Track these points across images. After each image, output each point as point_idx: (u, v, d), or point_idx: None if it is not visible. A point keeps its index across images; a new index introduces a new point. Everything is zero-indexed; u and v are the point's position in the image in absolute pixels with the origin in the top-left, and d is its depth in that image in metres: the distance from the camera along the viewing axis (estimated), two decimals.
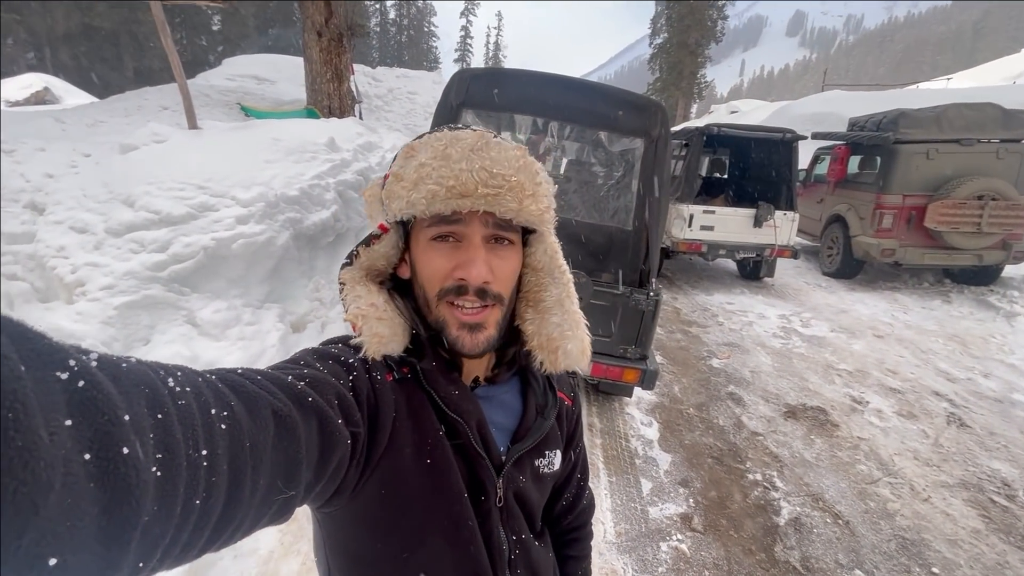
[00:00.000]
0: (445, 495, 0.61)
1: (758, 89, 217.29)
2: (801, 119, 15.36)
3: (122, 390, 0.28)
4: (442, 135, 0.59)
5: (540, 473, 0.72)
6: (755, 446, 3.15)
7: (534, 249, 0.69)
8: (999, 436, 3.32)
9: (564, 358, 0.68)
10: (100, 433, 0.25)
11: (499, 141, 0.60)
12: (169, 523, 0.30)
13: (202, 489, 0.32)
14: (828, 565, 2.27)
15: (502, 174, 0.57)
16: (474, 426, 0.63)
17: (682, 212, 6.22)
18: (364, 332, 0.58)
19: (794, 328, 5.26)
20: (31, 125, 5.10)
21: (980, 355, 4.65)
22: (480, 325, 0.61)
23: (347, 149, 4.49)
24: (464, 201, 0.56)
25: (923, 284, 6.90)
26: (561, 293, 0.69)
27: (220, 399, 0.37)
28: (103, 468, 0.25)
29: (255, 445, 0.38)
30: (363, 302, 0.60)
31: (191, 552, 0.34)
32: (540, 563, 0.72)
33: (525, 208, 0.59)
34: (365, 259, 0.64)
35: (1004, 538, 2.46)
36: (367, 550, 0.61)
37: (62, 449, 0.22)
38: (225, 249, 2.96)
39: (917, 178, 6.27)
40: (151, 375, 0.32)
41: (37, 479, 0.21)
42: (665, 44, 30.81)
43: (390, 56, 46.12)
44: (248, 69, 11.35)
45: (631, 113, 2.66)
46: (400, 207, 0.58)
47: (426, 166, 0.56)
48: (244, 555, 2.04)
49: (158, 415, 0.30)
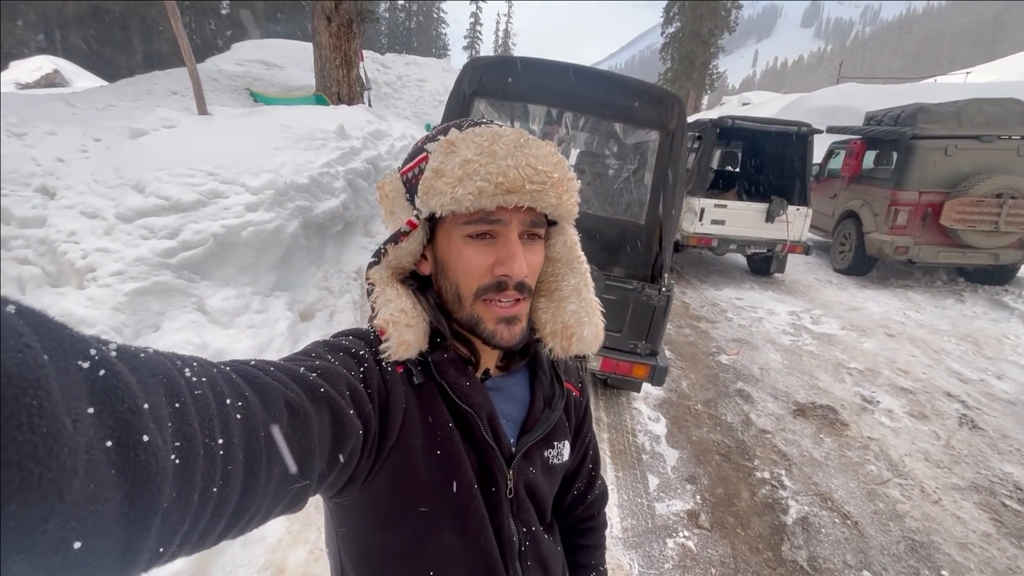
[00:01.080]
0: (455, 487, 0.61)
1: (771, 80, 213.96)
2: (815, 112, 15.10)
3: (141, 379, 0.28)
4: (481, 131, 0.59)
5: (550, 464, 0.72)
6: (763, 444, 3.13)
7: (553, 241, 0.71)
8: (1012, 439, 3.28)
9: (578, 343, 0.69)
10: (121, 421, 0.25)
11: (534, 138, 0.61)
12: (188, 510, 0.30)
13: (219, 477, 0.33)
14: (836, 566, 2.26)
15: (546, 171, 0.58)
16: (485, 417, 0.63)
17: (693, 205, 6.15)
18: (393, 338, 0.59)
19: (804, 325, 5.21)
20: (42, 108, 5.09)
21: (994, 356, 4.59)
22: (516, 318, 0.63)
23: (357, 137, 4.46)
24: (511, 197, 0.57)
25: (936, 283, 6.81)
26: (579, 282, 0.71)
27: (235, 390, 0.38)
28: (124, 455, 0.25)
29: (269, 435, 0.39)
30: (394, 307, 0.61)
31: (209, 539, 0.34)
32: (550, 556, 0.73)
33: (563, 203, 0.62)
34: (393, 257, 0.63)
35: (1015, 542, 2.44)
36: (378, 541, 0.62)
37: (84, 436, 0.23)
38: (235, 236, 2.95)
39: (934, 175, 6.16)
40: (168, 365, 0.32)
41: (61, 465, 0.21)
42: (678, 33, 30.29)
43: (399, 43, 45.77)
44: (257, 54, 11.28)
45: (647, 104, 2.61)
46: (442, 203, 0.57)
47: (472, 162, 0.56)
48: (252, 543, 2.05)
49: (175, 404, 0.31)
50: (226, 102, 7.13)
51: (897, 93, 15.56)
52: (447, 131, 0.61)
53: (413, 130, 6.31)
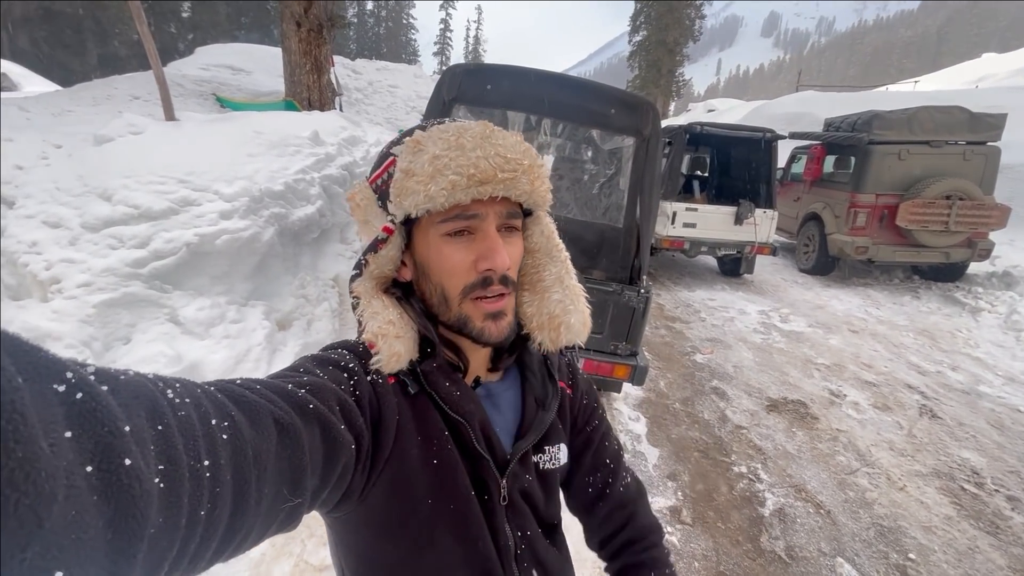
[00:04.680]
0: (452, 495, 0.61)
1: (734, 88, 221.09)
2: (777, 118, 15.72)
3: (121, 402, 0.28)
4: (446, 127, 0.59)
5: (543, 470, 0.72)
6: (739, 439, 3.22)
7: (531, 232, 0.70)
8: (968, 427, 3.48)
9: (566, 333, 0.68)
10: (101, 445, 0.25)
11: (500, 129, 0.61)
12: (175, 535, 0.29)
13: (206, 500, 0.32)
14: (812, 554, 2.34)
15: (515, 159, 0.58)
16: (476, 426, 0.63)
17: (665, 209, 6.30)
18: (383, 351, 0.58)
19: (774, 324, 5.39)
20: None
21: (948, 349, 4.85)
22: (501, 312, 0.62)
23: (331, 143, 4.41)
24: (484, 188, 0.56)
25: (893, 281, 7.15)
26: (560, 270, 0.71)
27: (220, 409, 0.37)
28: (106, 480, 0.24)
29: (258, 454, 0.38)
30: (381, 319, 0.60)
31: (200, 564, 0.33)
32: (549, 559, 0.72)
33: (536, 189, 0.61)
34: (374, 267, 0.62)
35: (974, 524, 2.58)
36: (378, 552, 0.62)
37: (64, 460, 0.22)
38: (208, 245, 2.87)
39: (889, 178, 6.48)
40: (149, 387, 0.32)
41: (39, 491, 0.20)
42: (644, 42, 31.02)
43: (368, 48, 45.33)
44: (222, 59, 10.99)
45: (623, 111, 2.68)
46: (416, 202, 0.57)
47: (441, 158, 0.56)
48: (235, 558, 2.00)
49: (158, 426, 0.30)
50: (191, 108, 6.94)
51: (852, 101, 16.33)
52: (412, 132, 0.61)
53: (387, 136, 6.27)
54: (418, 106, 12.66)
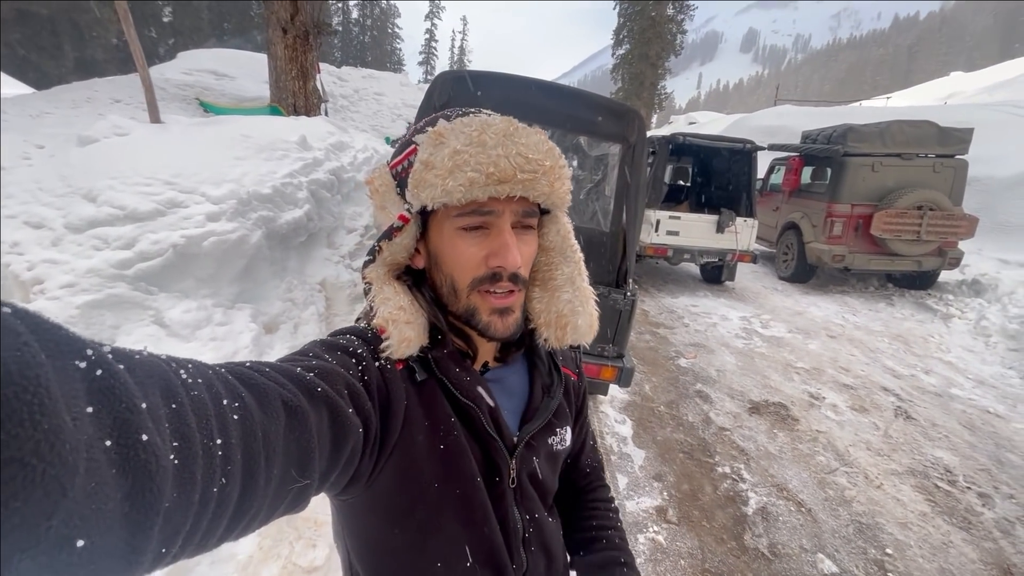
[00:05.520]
0: (459, 480, 0.62)
1: (714, 101, 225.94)
2: (756, 131, 16.12)
3: (137, 380, 0.28)
4: (470, 120, 0.58)
5: (553, 451, 0.73)
6: (723, 441, 3.28)
7: (547, 230, 0.71)
8: (940, 427, 3.60)
9: (572, 333, 0.69)
10: (119, 420, 0.25)
11: (524, 126, 0.60)
12: (189, 510, 0.30)
13: (219, 477, 0.33)
14: (794, 550, 2.40)
15: (536, 159, 0.58)
16: (486, 410, 0.64)
17: (649, 217, 6.41)
18: (393, 336, 0.58)
19: (755, 329, 5.51)
20: None
21: (921, 353, 5.01)
22: (509, 309, 0.63)
23: (319, 148, 4.41)
24: (502, 187, 0.56)
25: (869, 288, 7.36)
26: (573, 271, 0.71)
27: (231, 390, 0.37)
28: (124, 454, 0.25)
29: (267, 435, 0.38)
30: (392, 305, 0.60)
31: (211, 540, 0.34)
32: (552, 538, 0.74)
33: (555, 191, 0.61)
34: (388, 254, 0.62)
35: (948, 520, 2.67)
36: (385, 536, 0.62)
37: (84, 434, 0.23)
38: (195, 247, 2.85)
39: (864, 189, 6.70)
40: (163, 367, 0.32)
41: (64, 462, 0.21)
42: (627, 55, 31.58)
43: (352, 56, 45.27)
44: (205, 64, 10.89)
45: (610, 119, 2.74)
46: (433, 195, 0.56)
47: (462, 153, 0.55)
48: (222, 560, 1.97)
49: (172, 405, 0.31)
50: (174, 112, 6.87)
51: (828, 115, 16.87)
52: (435, 122, 0.60)
53: (374, 143, 6.29)
54: (404, 114, 12.68)
